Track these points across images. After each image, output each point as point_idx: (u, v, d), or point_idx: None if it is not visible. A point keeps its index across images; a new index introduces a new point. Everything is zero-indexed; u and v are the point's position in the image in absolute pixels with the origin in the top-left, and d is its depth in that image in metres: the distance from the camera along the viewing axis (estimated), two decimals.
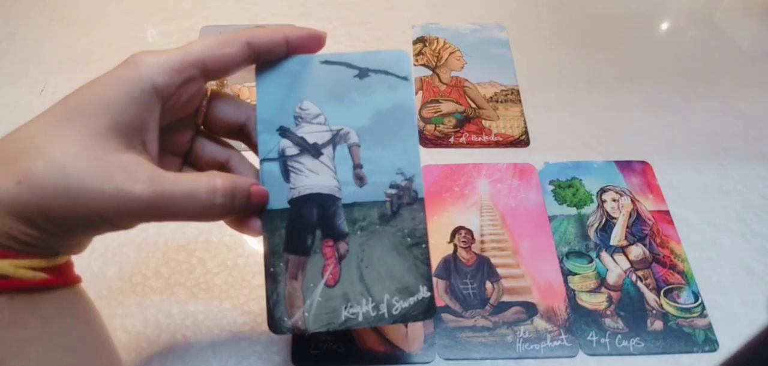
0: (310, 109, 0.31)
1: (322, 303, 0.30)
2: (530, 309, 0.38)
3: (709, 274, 0.40)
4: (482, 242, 0.42)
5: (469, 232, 0.42)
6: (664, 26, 0.60)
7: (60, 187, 0.24)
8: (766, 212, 0.44)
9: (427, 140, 0.48)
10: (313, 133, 0.31)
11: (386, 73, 0.31)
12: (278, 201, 0.30)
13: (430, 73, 0.54)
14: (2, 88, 0.51)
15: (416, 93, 0.52)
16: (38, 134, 0.25)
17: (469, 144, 0.48)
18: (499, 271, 0.40)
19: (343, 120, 0.31)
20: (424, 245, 0.31)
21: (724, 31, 0.60)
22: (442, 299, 0.39)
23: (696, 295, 0.39)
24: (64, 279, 0.26)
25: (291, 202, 0.30)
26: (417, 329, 0.37)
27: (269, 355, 0.36)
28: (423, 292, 0.30)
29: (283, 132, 0.31)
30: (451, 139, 0.49)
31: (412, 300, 0.30)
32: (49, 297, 0.26)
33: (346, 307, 0.30)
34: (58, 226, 0.25)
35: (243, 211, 0.29)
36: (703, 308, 0.39)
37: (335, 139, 0.31)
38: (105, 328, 0.29)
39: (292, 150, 0.31)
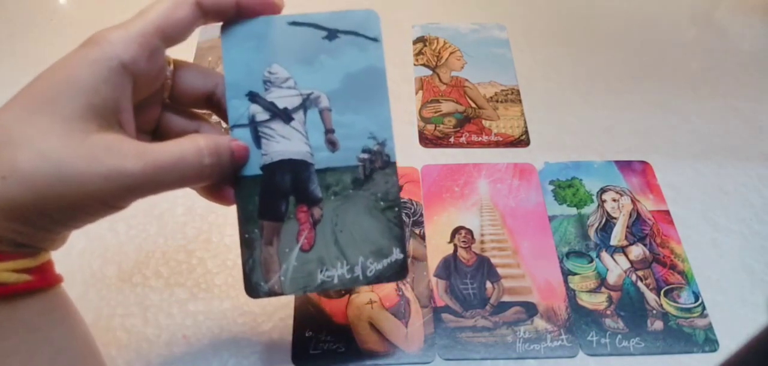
0: (279, 73, 0.30)
1: (297, 267, 0.30)
2: (530, 309, 0.38)
3: (709, 274, 0.40)
4: (482, 242, 0.42)
5: (469, 232, 0.42)
6: (664, 26, 0.60)
7: (51, 177, 0.23)
8: (766, 212, 0.44)
9: (427, 140, 0.48)
10: (283, 98, 0.30)
11: (356, 34, 0.31)
12: (251, 167, 0.30)
13: (430, 73, 0.54)
14: (2, 89, 0.51)
15: (416, 93, 0.52)
16: (11, 125, 0.24)
17: (469, 144, 0.48)
18: (499, 271, 0.40)
19: (313, 84, 0.30)
20: (396, 208, 0.31)
21: (724, 31, 0.60)
22: (442, 299, 0.39)
23: (696, 295, 0.39)
24: (46, 280, 0.26)
25: (263, 168, 0.30)
26: (417, 329, 0.37)
27: (269, 355, 0.36)
28: (396, 254, 0.31)
29: (253, 97, 0.30)
30: (451, 139, 0.49)
31: (385, 262, 0.31)
32: (31, 303, 0.25)
33: (321, 271, 0.30)
34: (51, 219, 0.24)
35: (229, 169, 0.29)
36: (704, 308, 0.39)
37: (306, 104, 0.30)
38: (88, 333, 0.28)
39: (262, 115, 0.30)
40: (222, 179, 0.29)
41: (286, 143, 0.30)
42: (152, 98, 0.29)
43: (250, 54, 0.30)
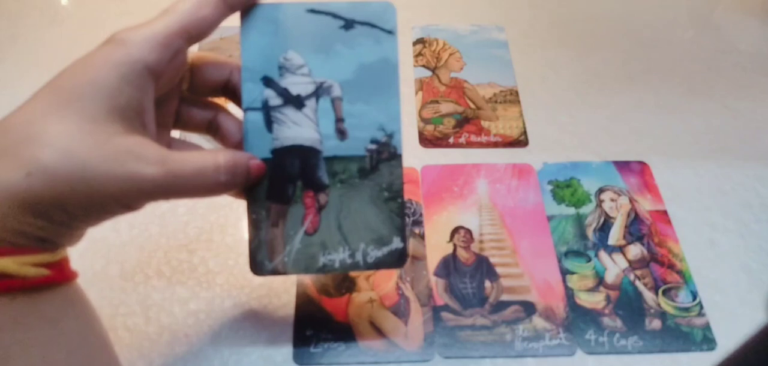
0: (294, 59, 0.31)
1: (301, 249, 0.31)
2: (529, 308, 0.38)
3: (707, 274, 0.41)
4: (481, 242, 0.42)
5: (468, 231, 0.42)
6: (662, 27, 0.61)
7: (74, 175, 0.24)
8: (764, 212, 0.45)
9: (426, 140, 0.49)
10: (296, 85, 0.31)
11: (372, 25, 0.31)
12: (261, 150, 0.31)
13: (430, 74, 0.54)
14: (4, 91, 0.51)
15: (416, 94, 0.53)
16: (36, 122, 0.24)
17: (469, 144, 0.48)
18: (498, 270, 0.40)
19: (327, 72, 0.31)
20: (399, 199, 0.32)
21: (722, 31, 0.60)
22: (441, 298, 0.39)
23: (694, 295, 0.39)
24: (63, 275, 0.26)
25: (273, 152, 0.31)
26: (417, 328, 0.37)
27: (270, 354, 0.36)
28: (396, 243, 0.32)
29: (267, 82, 0.31)
30: (451, 140, 0.49)
31: (385, 249, 0.32)
32: (49, 297, 0.25)
33: (323, 254, 0.31)
34: (72, 216, 0.24)
35: (243, 184, 0.30)
36: (701, 307, 0.39)
37: (318, 92, 0.31)
38: (103, 328, 0.29)
39: (275, 100, 0.31)
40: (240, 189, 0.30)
41: (296, 129, 0.31)
42: (171, 92, 0.30)
43: (268, 39, 0.31)
